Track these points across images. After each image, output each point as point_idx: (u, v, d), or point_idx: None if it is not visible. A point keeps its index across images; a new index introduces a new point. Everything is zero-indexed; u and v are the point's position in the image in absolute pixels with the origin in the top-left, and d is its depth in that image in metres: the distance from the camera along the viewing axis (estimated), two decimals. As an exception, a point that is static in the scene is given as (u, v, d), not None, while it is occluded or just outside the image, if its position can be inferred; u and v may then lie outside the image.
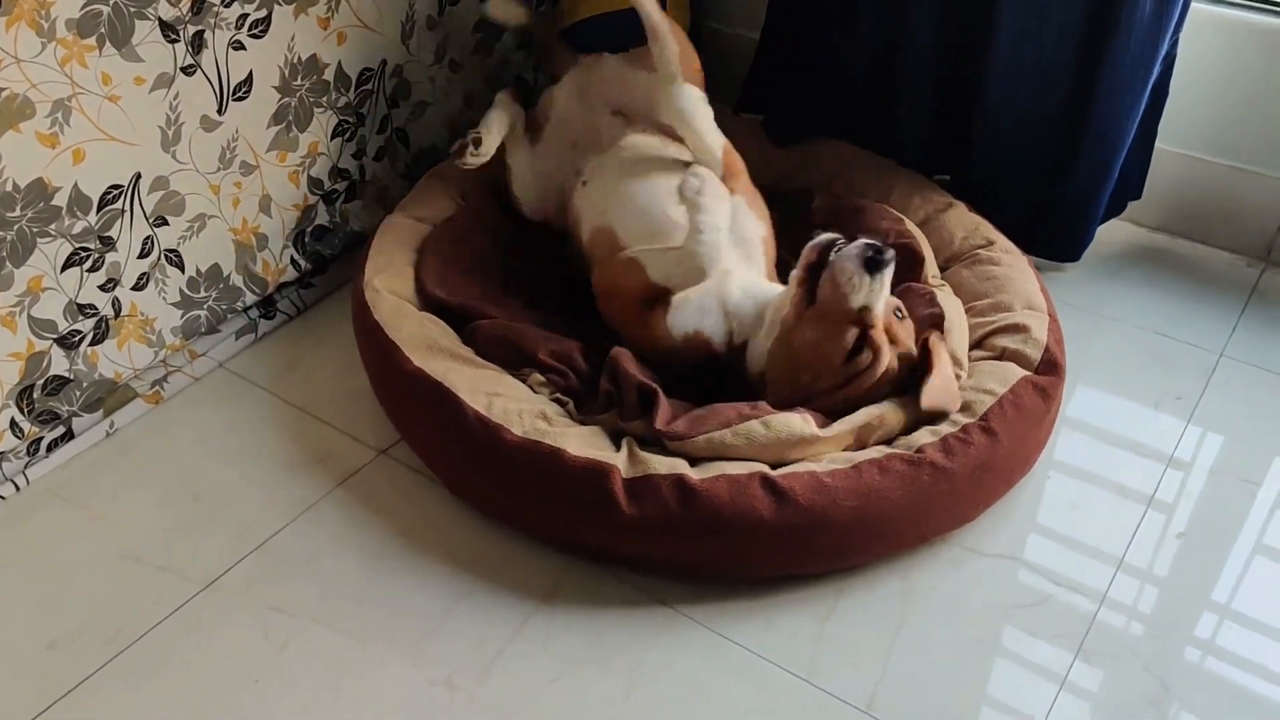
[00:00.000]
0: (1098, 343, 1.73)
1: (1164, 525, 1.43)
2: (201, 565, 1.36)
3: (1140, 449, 1.53)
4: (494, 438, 1.32)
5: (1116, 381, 1.65)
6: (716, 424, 1.32)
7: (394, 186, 1.89)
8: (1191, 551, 1.39)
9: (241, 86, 1.57)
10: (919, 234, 1.71)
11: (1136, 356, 1.70)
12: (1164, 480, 1.48)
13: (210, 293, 1.64)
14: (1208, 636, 1.29)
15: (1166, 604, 1.33)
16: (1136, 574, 1.36)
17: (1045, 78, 1.73)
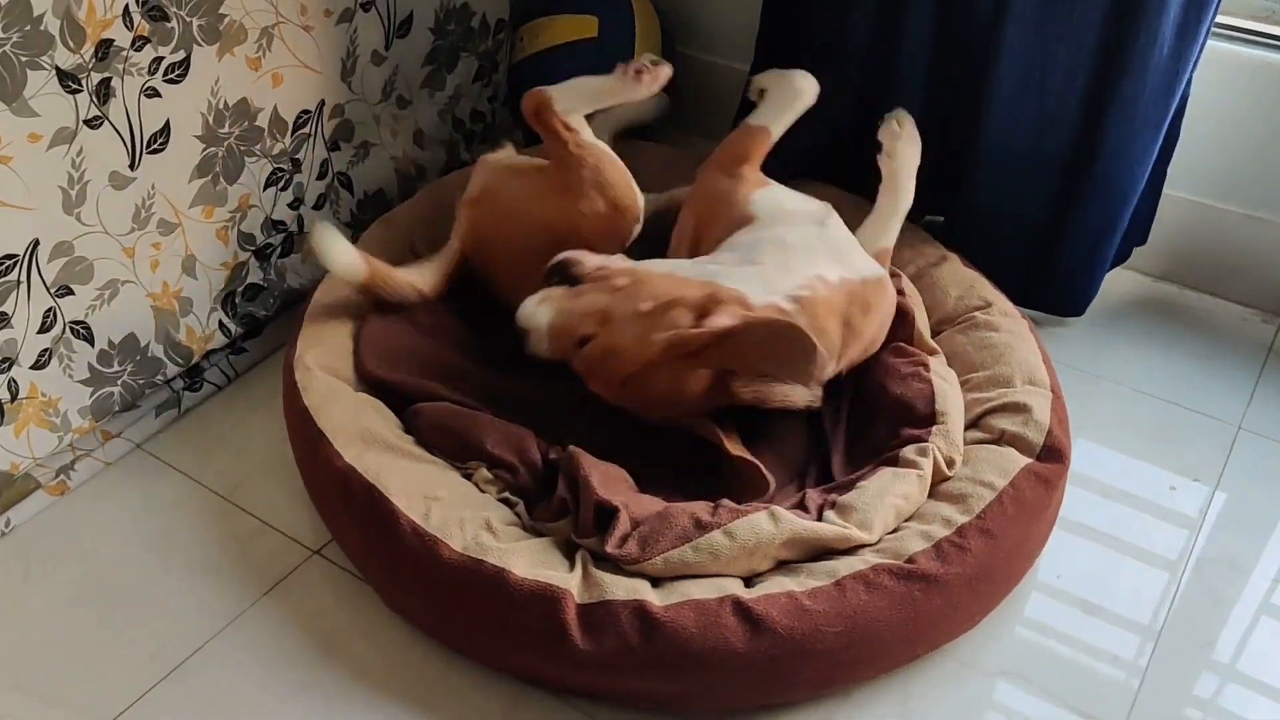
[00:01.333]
0: (1100, 412, 1.58)
1: (1186, 638, 1.28)
2: (104, 698, 1.19)
3: (1150, 554, 1.39)
4: (431, 553, 1.15)
5: (1122, 461, 1.52)
6: (673, 539, 1.16)
7: (337, 236, 1.71)
8: (1232, 658, 1.26)
9: (157, 137, 1.40)
10: (912, 291, 1.56)
11: (1144, 429, 1.57)
12: (1183, 585, 1.34)
13: (125, 366, 1.46)
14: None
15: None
16: (1157, 699, 1.22)
17: (1049, 123, 1.59)
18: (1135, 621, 1.30)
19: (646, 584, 1.14)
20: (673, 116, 2.01)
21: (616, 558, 1.15)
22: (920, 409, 1.36)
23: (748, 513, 1.17)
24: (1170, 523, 1.42)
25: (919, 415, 1.36)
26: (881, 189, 1.54)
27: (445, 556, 1.14)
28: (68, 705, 1.18)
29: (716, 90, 2.04)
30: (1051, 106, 1.58)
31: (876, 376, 1.44)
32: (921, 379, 1.40)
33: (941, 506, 1.26)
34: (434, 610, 1.18)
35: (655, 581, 1.15)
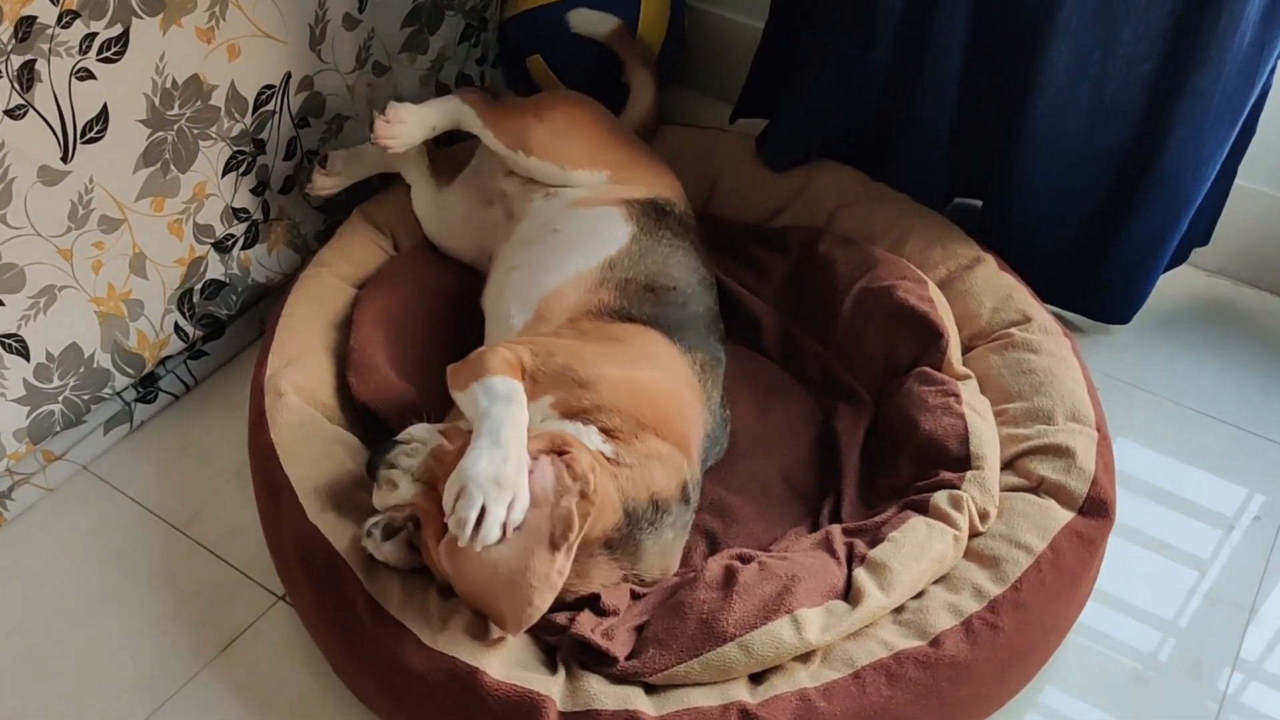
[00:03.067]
0: (1138, 430, 1.43)
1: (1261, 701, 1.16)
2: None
3: (1215, 602, 1.25)
4: (395, 643, 1.02)
5: (1164, 492, 1.37)
6: (679, 652, 1.02)
7: (308, 222, 1.55)
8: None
9: (93, 125, 1.23)
10: (941, 301, 1.40)
11: (1192, 453, 1.42)
12: (1243, 650, 1.21)
13: (67, 380, 1.31)
14: None
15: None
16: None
17: (1106, 112, 1.41)
18: (1190, 667, 1.17)
19: (640, 691, 1.01)
20: (684, 76, 1.82)
21: (624, 673, 1.01)
22: (952, 449, 1.22)
23: (766, 618, 1.02)
24: (1223, 572, 1.28)
25: (950, 456, 1.22)
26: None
27: (410, 650, 1.01)
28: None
29: (728, 47, 1.85)
30: (1110, 94, 1.40)
31: (902, 405, 1.29)
32: (953, 413, 1.25)
33: (972, 570, 1.12)
34: (399, 705, 1.04)
35: (650, 688, 1.02)
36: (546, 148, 1.39)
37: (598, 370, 1.13)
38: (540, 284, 1.27)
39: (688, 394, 1.20)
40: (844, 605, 1.06)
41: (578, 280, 1.26)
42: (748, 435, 1.34)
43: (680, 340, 1.23)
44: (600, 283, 1.26)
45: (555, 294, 1.26)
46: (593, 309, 1.23)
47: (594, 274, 1.27)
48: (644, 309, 1.24)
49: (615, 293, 1.25)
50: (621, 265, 1.28)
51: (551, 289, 1.26)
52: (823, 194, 1.59)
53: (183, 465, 1.36)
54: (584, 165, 1.39)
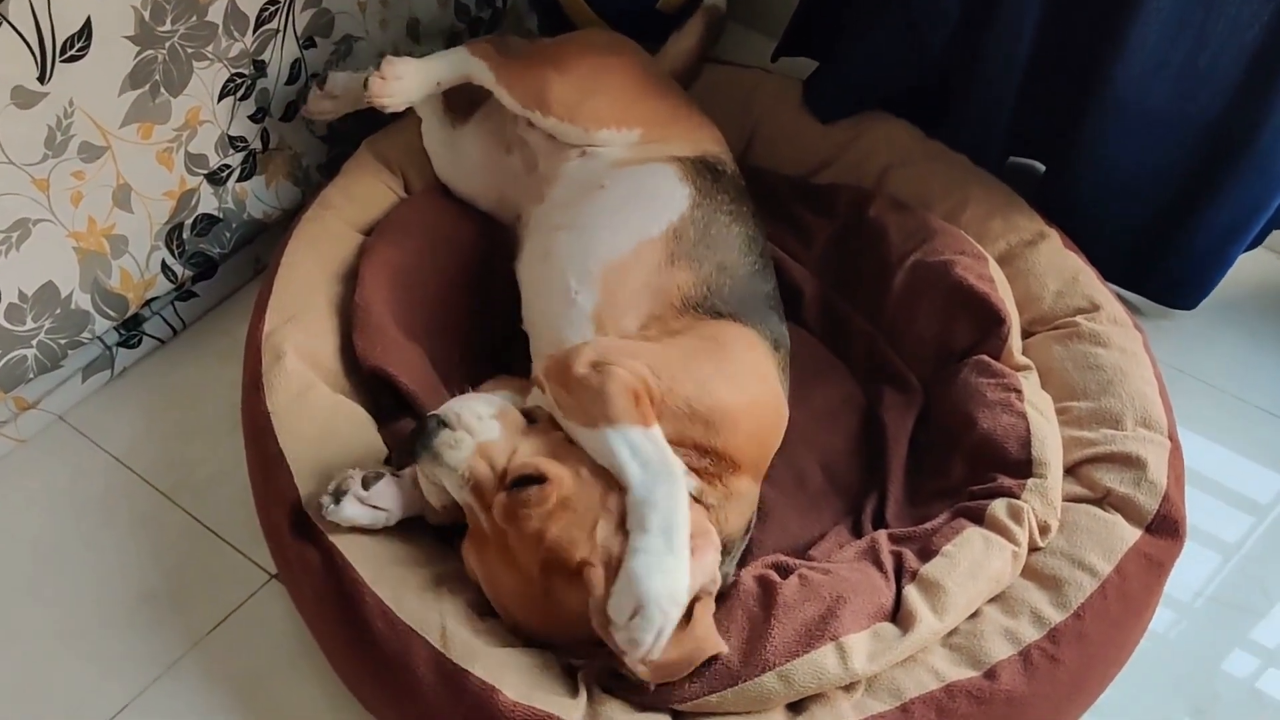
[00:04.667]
0: (1191, 422, 1.31)
1: None
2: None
3: (1253, 633, 1.17)
4: (403, 649, 0.92)
5: (1218, 490, 1.28)
6: (712, 680, 0.92)
7: (310, 153, 1.42)
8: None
9: (75, 41, 1.10)
10: (1002, 281, 1.29)
11: (1248, 447, 1.33)
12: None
13: (42, 322, 1.19)
14: None
15: None
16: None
17: (1200, 79, 1.29)
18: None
19: (667, 718, 0.91)
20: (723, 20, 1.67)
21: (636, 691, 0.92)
22: (1012, 452, 1.12)
23: (808, 646, 0.93)
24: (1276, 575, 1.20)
25: (1010, 460, 1.11)
26: None
27: (418, 661, 0.91)
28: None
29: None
30: (1206, 60, 1.27)
31: (958, 399, 1.19)
32: (1014, 411, 1.15)
33: (1031, 591, 1.03)
34: (400, 713, 0.95)
35: (679, 714, 0.92)
36: (567, 106, 1.24)
37: (718, 402, 0.99)
38: (598, 251, 1.13)
39: (781, 409, 1.09)
40: (893, 629, 0.97)
41: (642, 252, 1.12)
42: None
43: (768, 334, 1.11)
44: (670, 259, 1.12)
45: (620, 267, 1.11)
46: (675, 301, 1.10)
47: (660, 246, 1.12)
48: (723, 295, 1.10)
49: (691, 274, 1.11)
50: (688, 237, 1.14)
51: (614, 260, 1.12)
52: (873, 150, 1.46)
53: (168, 418, 1.26)
54: (610, 124, 1.24)
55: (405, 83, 1.26)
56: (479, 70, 1.29)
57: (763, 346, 1.08)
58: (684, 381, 0.98)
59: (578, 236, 1.15)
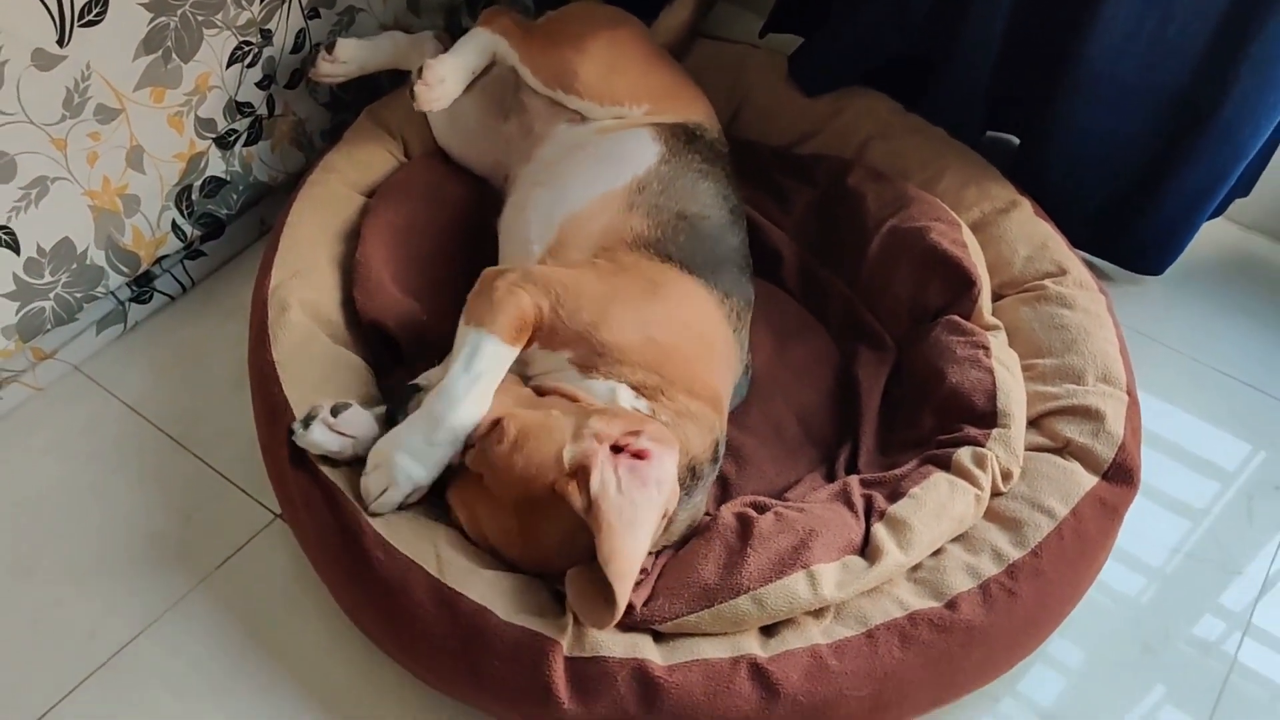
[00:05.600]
0: (1154, 386, 1.39)
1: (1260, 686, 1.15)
2: (24, 694, 1.04)
3: (1209, 581, 1.23)
4: (402, 578, 0.98)
5: (1177, 452, 1.34)
6: (690, 601, 0.99)
7: (314, 119, 1.48)
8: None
9: (92, 6, 1.15)
10: (975, 246, 1.35)
11: (1207, 411, 1.39)
12: (1254, 620, 1.20)
13: (59, 276, 1.25)
14: None
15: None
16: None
17: (1168, 53, 1.34)
18: (1200, 637, 1.17)
19: (648, 639, 0.98)
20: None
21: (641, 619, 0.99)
22: (979, 404, 1.18)
23: (781, 572, 0.99)
24: (1237, 539, 1.26)
25: (977, 412, 1.18)
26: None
27: (415, 584, 0.97)
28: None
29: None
30: (1175, 32, 1.32)
31: (928, 355, 1.25)
32: (982, 366, 1.21)
33: (992, 532, 1.09)
34: (401, 642, 1.02)
35: (659, 635, 0.99)
36: (591, 87, 1.30)
37: (624, 325, 1.08)
38: (563, 203, 1.21)
39: (721, 347, 1.15)
40: (861, 562, 1.04)
41: (604, 202, 1.20)
42: (764, 375, 1.29)
43: (717, 285, 1.17)
44: (630, 206, 1.19)
45: (580, 216, 1.19)
46: (627, 238, 1.17)
47: (621, 196, 1.20)
48: (679, 242, 1.17)
49: (648, 220, 1.18)
50: (651, 189, 1.21)
51: (576, 210, 1.20)
52: (855, 122, 1.52)
53: (177, 370, 1.31)
54: (625, 100, 1.31)
55: (448, 84, 1.32)
56: (503, 48, 1.35)
57: (702, 294, 1.15)
58: (589, 307, 1.07)
59: (548, 192, 1.22)
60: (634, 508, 0.93)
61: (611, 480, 0.93)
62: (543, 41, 1.33)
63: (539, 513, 0.98)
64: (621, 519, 0.92)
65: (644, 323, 1.09)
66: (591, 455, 0.94)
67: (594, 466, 0.93)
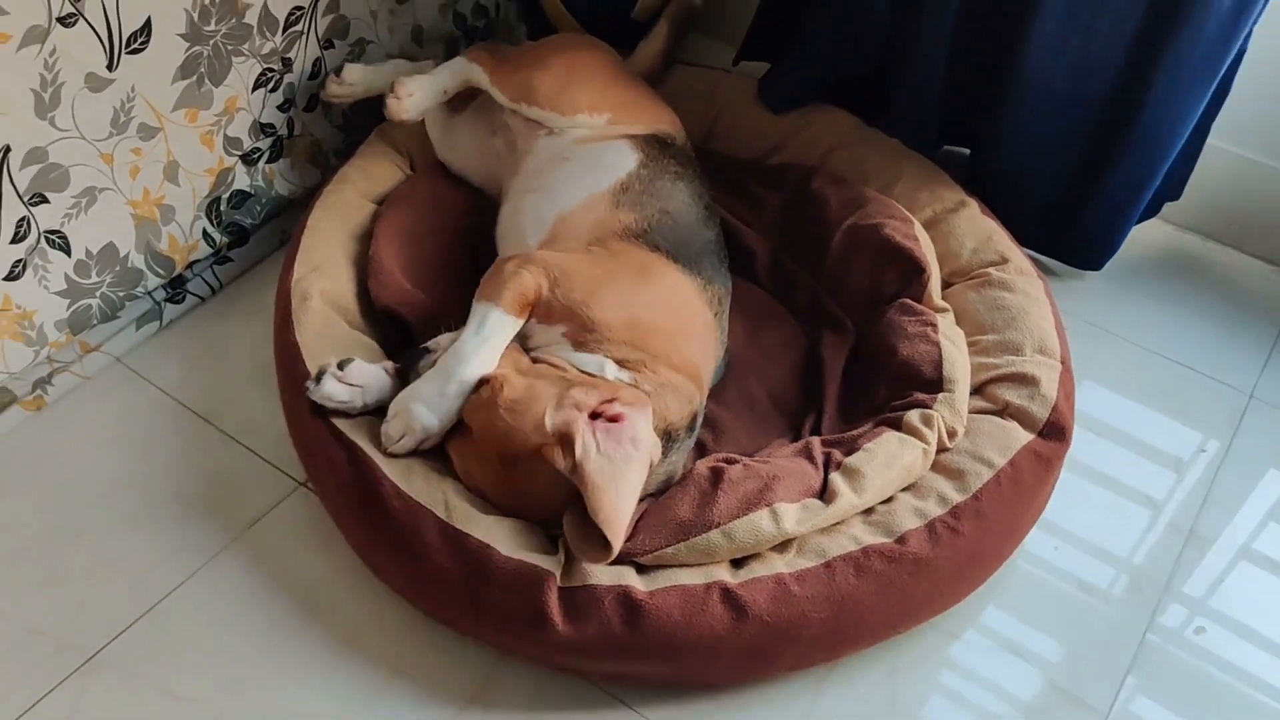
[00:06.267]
0: (1107, 370, 1.54)
1: (1184, 620, 1.27)
2: (83, 632, 1.17)
3: (1146, 531, 1.36)
4: (414, 522, 1.12)
5: (1128, 426, 1.48)
6: (667, 536, 1.12)
7: (328, 140, 1.63)
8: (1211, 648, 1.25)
9: (138, 36, 1.30)
10: (925, 240, 1.49)
11: (1153, 390, 1.53)
12: (1181, 561, 1.33)
13: (104, 277, 1.40)
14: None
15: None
16: (1149, 675, 1.22)
17: (1092, 66, 1.50)
18: (1135, 579, 1.29)
19: (631, 570, 1.11)
20: (691, 22, 1.89)
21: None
22: (927, 373, 1.32)
23: (747, 509, 1.13)
24: (1170, 499, 1.39)
25: (925, 379, 1.32)
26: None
27: (430, 526, 1.11)
28: (53, 639, 1.16)
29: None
30: (1096, 49, 1.48)
31: (882, 334, 1.39)
32: (929, 340, 1.35)
33: (938, 480, 1.23)
34: (413, 579, 1.15)
35: (641, 568, 1.12)
36: (549, 98, 1.46)
37: (611, 305, 1.22)
38: (554, 204, 1.36)
39: (701, 328, 1.30)
40: (819, 503, 1.17)
41: (593, 201, 1.35)
42: (738, 357, 1.43)
43: (699, 274, 1.31)
44: (617, 204, 1.34)
45: (571, 214, 1.34)
46: (617, 230, 1.32)
47: (608, 196, 1.35)
48: (664, 233, 1.32)
49: (634, 214, 1.33)
50: (634, 189, 1.36)
51: (567, 209, 1.35)
52: (818, 135, 1.67)
53: (206, 361, 1.45)
54: (584, 110, 1.46)
55: (416, 97, 1.48)
56: (476, 73, 1.51)
57: (685, 281, 1.29)
58: (581, 288, 1.21)
59: (539, 196, 1.37)
60: (613, 465, 1.07)
61: (592, 444, 1.07)
62: (510, 64, 1.50)
63: (521, 468, 1.12)
64: (604, 476, 1.06)
65: (630, 303, 1.23)
66: (573, 423, 1.08)
67: (575, 434, 1.07)
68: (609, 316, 1.21)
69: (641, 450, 1.09)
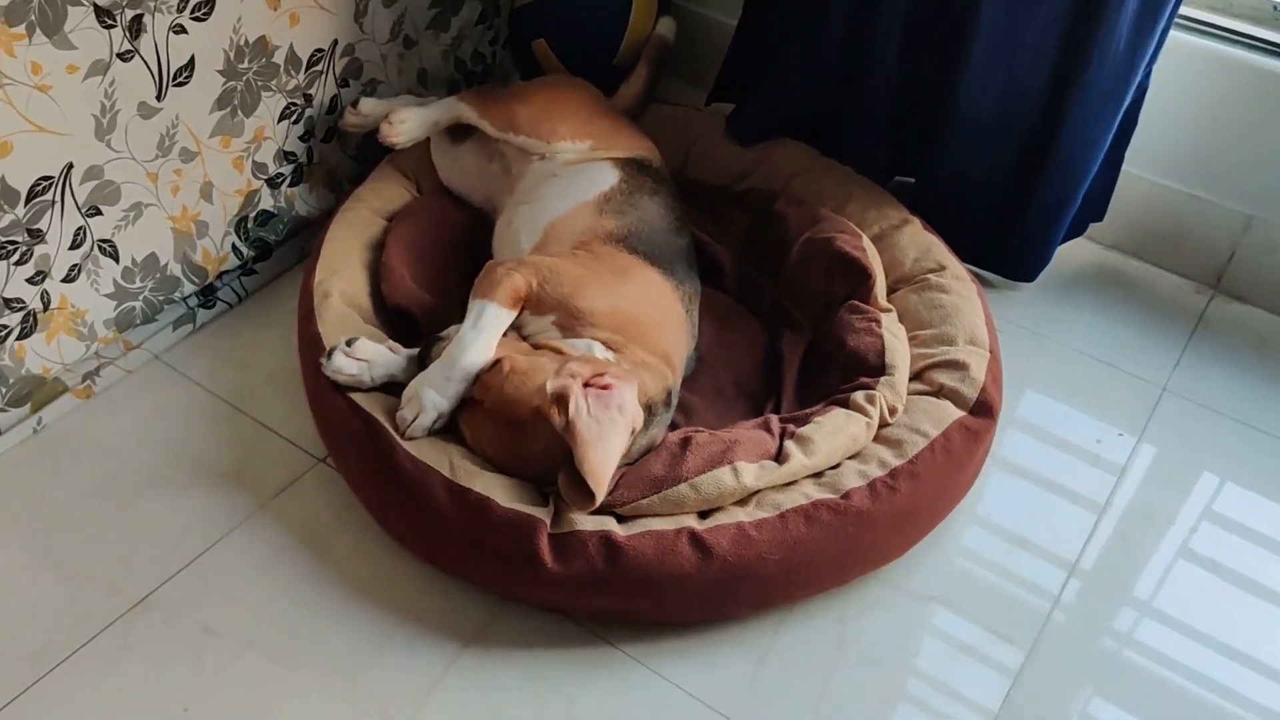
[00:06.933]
0: (1043, 369, 1.74)
1: (1098, 568, 1.45)
2: (130, 580, 1.33)
3: (1074, 496, 1.55)
4: (424, 480, 1.29)
5: (1058, 414, 1.67)
6: (642, 489, 1.30)
7: (343, 167, 1.83)
8: (1095, 590, 1.42)
9: (183, 71, 1.50)
10: (872, 251, 1.69)
11: (1080, 385, 1.72)
12: (1100, 525, 1.51)
13: (146, 283, 1.58)
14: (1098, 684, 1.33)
15: (1112, 647, 1.36)
16: (1063, 622, 1.39)
17: (1016, 100, 1.71)
18: (1055, 554, 1.46)
19: (612, 519, 1.29)
20: (667, 65, 2.11)
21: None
22: (871, 360, 1.51)
23: (712, 467, 1.31)
24: (1095, 469, 1.58)
25: (870, 366, 1.50)
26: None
27: (437, 483, 1.28)
28: (104, 586, 1.33)
29: (706, 41, 2.14)
30: (1019, 84, 1.69)
31: (834, 330, 1.58)
32: (874, 334, 1.54)
33: (880, 449, 1.41)
34: (422, 531, 1.32)
35: (620, 518, 1.30)
36: (530, 126, 1.67)
37: (595, 297, 1.41)
38: (547, 212, 1.56)
39: (675, 320, 1.49)
40: (774, 464, 1.35)
41: (580, 209, 1.55)
42: (708, 352, 1.62)
43: (673, 275, 1.51)
44: (601, 211, 1.54)
45: (562, 220, 1.54)
46: (601, 235, 1.51)
47: (594, 205, 1.55)
48: (642, 238, 1.51)
49: (616, 221, 1.53)
50: (615, 200, 1.56)
51: (558, 215, 1.55)
52: (780, 164, 1.87)
53: (233, 360, 1.63)
54: (566, 138, 1.67)
55: (408, 125, 1.70)
56: (465, 110, 1.72)
57: (660, 279, 1.48)
58: (569, 283, 1.41)
59: (532, 207, 1.57)
60: (600, 425, 1.25)
61: (584, 406, 1.25)
62: (498, 99, 1.72)
63: (524, 430, 1.29)
64: (591, 434, 1.24)
65: (613, 295, 1.42)
66: (569, 387, 1.26)
67: (570, 396, 1.25)
68: (594, 306, 1.40)
69: (626, 416, 1.27)
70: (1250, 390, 1.72)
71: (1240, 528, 1.52)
